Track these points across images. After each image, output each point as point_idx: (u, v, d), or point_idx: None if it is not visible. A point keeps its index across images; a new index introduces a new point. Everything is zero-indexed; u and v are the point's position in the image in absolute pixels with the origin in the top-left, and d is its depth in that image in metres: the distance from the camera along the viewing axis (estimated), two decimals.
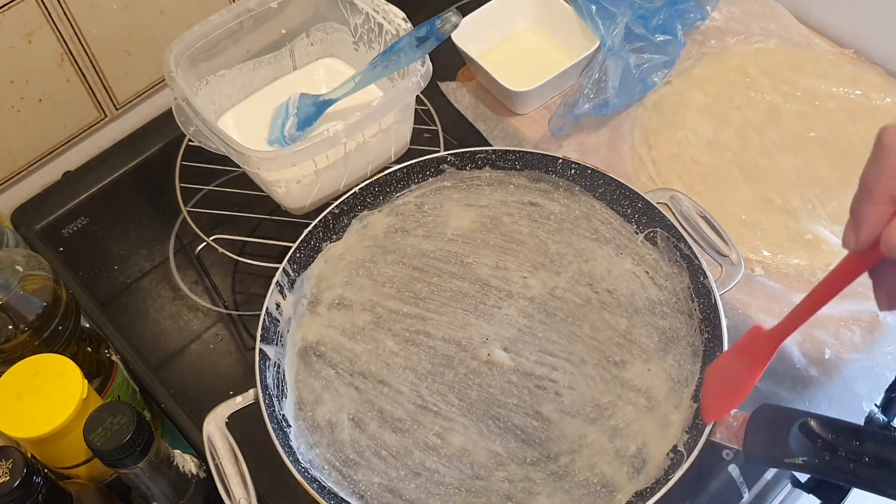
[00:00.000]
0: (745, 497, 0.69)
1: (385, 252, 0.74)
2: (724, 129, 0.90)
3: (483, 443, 0.63)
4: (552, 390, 0.65)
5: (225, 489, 0.61)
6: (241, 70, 0.87)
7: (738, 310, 0.77)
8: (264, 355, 0.65)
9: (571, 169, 0.74)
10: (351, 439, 0.64)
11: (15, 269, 0.66)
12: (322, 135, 0.71)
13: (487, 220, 0.75)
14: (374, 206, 0.76)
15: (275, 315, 0.68)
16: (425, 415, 0.65)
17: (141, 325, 0.82)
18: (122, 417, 0.56)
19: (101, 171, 0.94)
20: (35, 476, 0.54)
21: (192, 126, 0.74)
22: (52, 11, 0.83)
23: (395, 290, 0.71)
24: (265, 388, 0.64)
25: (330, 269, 0.73)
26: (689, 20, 0.96)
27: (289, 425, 0.64)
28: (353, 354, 0.68)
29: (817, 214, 0.83)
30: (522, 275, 0.71)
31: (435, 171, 0.76)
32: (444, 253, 0.73)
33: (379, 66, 0.77)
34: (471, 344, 0.68)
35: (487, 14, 0.95)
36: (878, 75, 0.93)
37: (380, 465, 0.63)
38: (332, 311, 0.71)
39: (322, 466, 0.63)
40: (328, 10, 0.87)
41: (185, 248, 0.87)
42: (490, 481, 0.62)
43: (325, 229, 0.74)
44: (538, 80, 0.89)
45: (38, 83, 0.86)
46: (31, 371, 0.62)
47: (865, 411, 0.72)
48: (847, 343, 0.75)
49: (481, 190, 0.77)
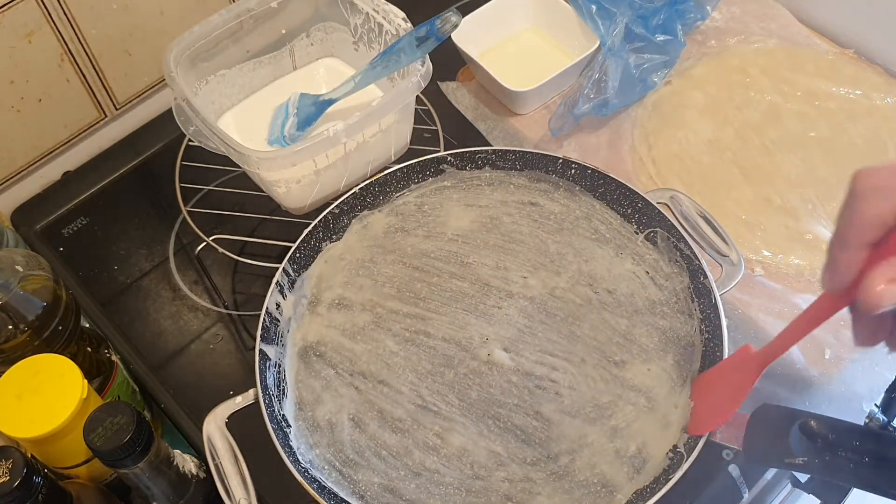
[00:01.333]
0: (745, 497, 0.69)
1: (385, 252, 0.74)
2: (724, 129, 0.90)
3: (483, 443, 0.63)
4: (552, 390, 0.65)
5: (225, 489, 0.61)
6: (241, 70, 0.87)
7: (738, 310, 0.77)
8: (264, 355, 0.65)
9: (571, 169, 0.74)
10: (351, 439, 0.64)
11: (15, 269, 0.66)
12: (322, 135, 0.71)
13: (487, 220, 0.75)
14: (374, 206, 0.76)
15: (275, 315, 0.68)
16: (425, 415, 0.65)
17: (141, 325, 0.82)
18: (122, 417, 0.56)
19: (101, 171, 0.94)
20: (35, 476, 0.54)
21: (192, 126, 0.74)
22: (52, 11, 0.83)
23: (395, 290, 0.71)
24: (265, 388, 0.64)
25: (330, 269, 0.73)
26: (689, 20, 0.96)
27: (289, 425, 0.64)
28: (353, 354, 0.68)
29: (817, 214, 0.83)
30: (522, 275, 0.71)
31: (435, 171, 0.76)
32: (444, 253, 0.73)
33: (379, 66, 0.77)
34: (471, 344, 0.68)
35: (487, 14, 0.95)
36: (878, 75, 0.93)
37: (380, 465, 0.63)
38: (332, 311, 0.71)
39: (322, 467, 0.63)
40: (328, 10, 0.87)
41: (185, 248, 0.87)
42: (490, 481, 0.62)
43: (325, 229, 0.74)
44: (538, 80, 0.89)
45: (38, 83, 0.86)
46: (31, 371, 0.62)
47: (865, 411, 0.72)
48: (847, 343, 0.75)
49: (481, 190, 0.77)
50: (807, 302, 0.76)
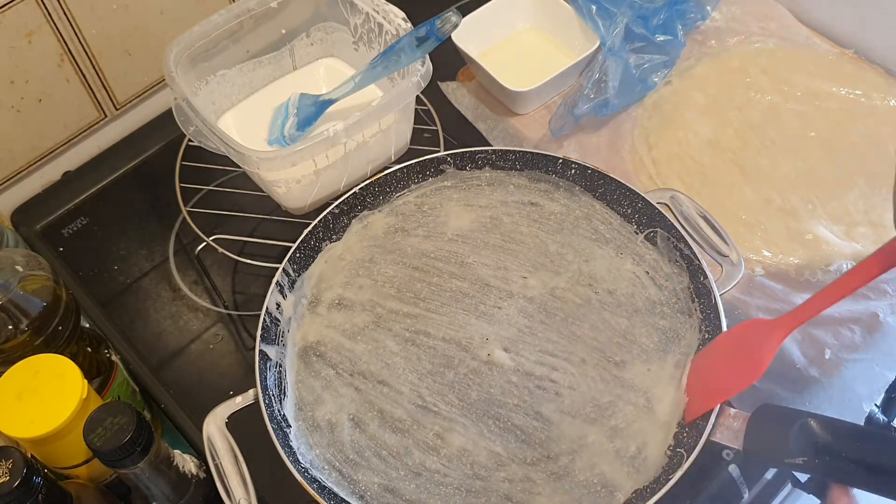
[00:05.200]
0: (745, 497, 0.69)
1: (385, 252, 0.74)
2: (724, 129, 0.90)
3: (483, 443, 0.63)
4: (552, 390, 0.65)
5: (225, 489, 0.61)
6: (241, 70, 0.87)
7: (737, 310, 0.77)
8: (264, 355, 0.65)
9: (572, 169, 0.74)
10: (351, 439, 0.64)
11: (15, 269, 0.66)
12: (322, 135, 0.71)
13: (487, 220, 0.75)
14: (374, 206, 0.76)
15: (275, 315, 0.68)
16: (425, 415, 0.65)
17: (141, 325, 0.82)
18: (122, 417, 0.56)
19: (101, 171, 0.94)
20: (35, 476, 0.54)
21: (192, 126, 0.74)
22: (52, 11, 0.83)
23: (395, 290, 0.71)
24: (265, 389, 0.64)
25: (330, 269, 0.73)
26: (690, 20, 0.96)
27: (289, 425, 0.64)
28: (354, 354, 0.68)
29: (817, 214, 0.83)
30: (522, 275, 0.71)
31: (435, 171, 0.76)
32: (444, 253, 0.73)
33: (379, 66, 0.77)
34: (471, 344, 0.68)
35: (487, 14, 0.95)
36: (878, 75, 0.93)
37: (380, 465, 0.63)
38: (332, 312, 0.71)
39: (322, 467, 0.63)
40: (328, 10, 0.87)
41: (185, 248, 0.87)
42: (490, 481, 0.62)
43: (325, 229, 0.74)
44: (538, 80, 0.89)
45: (38, 83, 0.86)
46: (31, 371, 0.62)
47: (865, 411, 0.72)
48: (847, 343, 0.75)
49: (481, 190, 0.76)
50: None
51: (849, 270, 0.51)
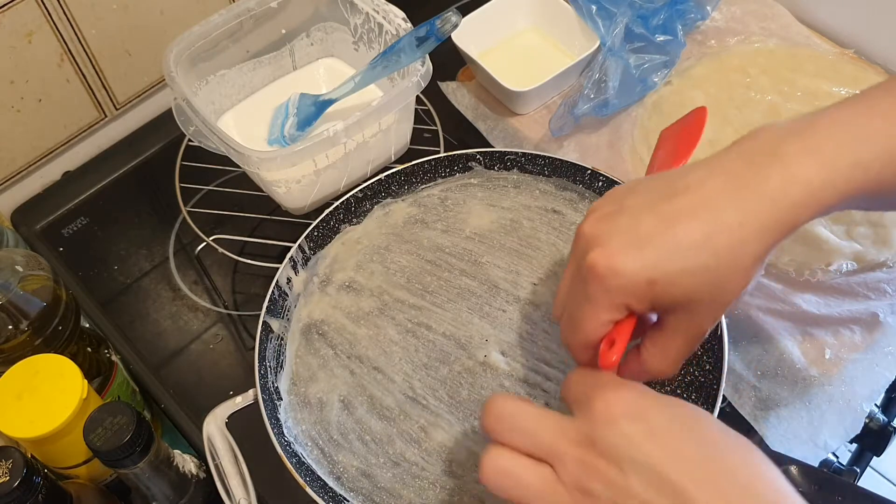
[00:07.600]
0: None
1: (401, 241, 0.74)
2: (724, 129, 0.90)
3: (465, 442, 0.63)
4: (542, 399, 0.65)
5: (225, 489, 0.61)
6: (241, 70, 0.87)
7: (737, 309, 0.77)
8: (267, 326, 0.66)
9: (599, 181, 0.73)
10: (338, 420, 0.64)
11: (15, 269, 0.66)
12: (322, 135, 0.71)
13: (507, 222, 0.74)
14: (398, 195, 0.76)
15: (284, 289, 0.69)
16: (413, 406, 0.65)
17: (141, 325, 0.82)
18: (122, 417, 0.56)
19: (101, 171, 0.94)
20: (35, 476, 0.54)
21: (192, 126, 0.74)
22: (52, 11, 0.83)
23: (404, 280, 0.71)
24: (263, 360, 0.64)
25: (345, 252, 0.73)
26: (690, 20, 0.96)
27: (280, 398, 0.65)
28: (354, 338, 0.68)
29: None
30: (533, 281, 0.71)
31: (463, 167, 0.76)
32: (458, 249, 0.73)
33: (379, 66, 0.77)
34: (470, 343, 0.68)
35: (487, 14, 0.95)
36: (878, 75, 0.93)
37: (361, 449, 0.63)
38: (340, 293, 0.71)
39: (305, 443, 0.63)
40: (328, 10, 0.87)
41: (185, 248, 0.88)
42: (465, 481, 0.61)
43: (346, 212, 0.74)
44: (538, 80, 0.89)
45: (38, 83, 0.86)
46: (31, 371, 0.62)
47: (865, 411, 0.72)
48: (847, 343, 0.75)
49: (506, 191, 0.76)
50: (807, 302, 0.76)
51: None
